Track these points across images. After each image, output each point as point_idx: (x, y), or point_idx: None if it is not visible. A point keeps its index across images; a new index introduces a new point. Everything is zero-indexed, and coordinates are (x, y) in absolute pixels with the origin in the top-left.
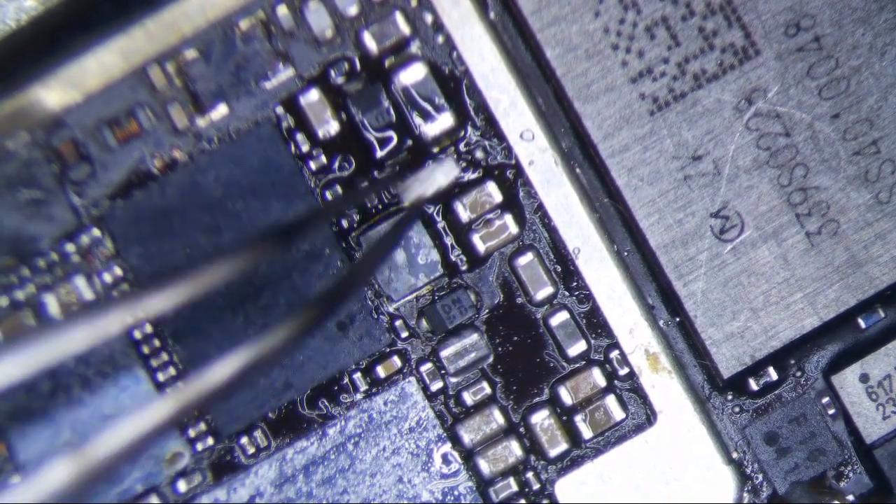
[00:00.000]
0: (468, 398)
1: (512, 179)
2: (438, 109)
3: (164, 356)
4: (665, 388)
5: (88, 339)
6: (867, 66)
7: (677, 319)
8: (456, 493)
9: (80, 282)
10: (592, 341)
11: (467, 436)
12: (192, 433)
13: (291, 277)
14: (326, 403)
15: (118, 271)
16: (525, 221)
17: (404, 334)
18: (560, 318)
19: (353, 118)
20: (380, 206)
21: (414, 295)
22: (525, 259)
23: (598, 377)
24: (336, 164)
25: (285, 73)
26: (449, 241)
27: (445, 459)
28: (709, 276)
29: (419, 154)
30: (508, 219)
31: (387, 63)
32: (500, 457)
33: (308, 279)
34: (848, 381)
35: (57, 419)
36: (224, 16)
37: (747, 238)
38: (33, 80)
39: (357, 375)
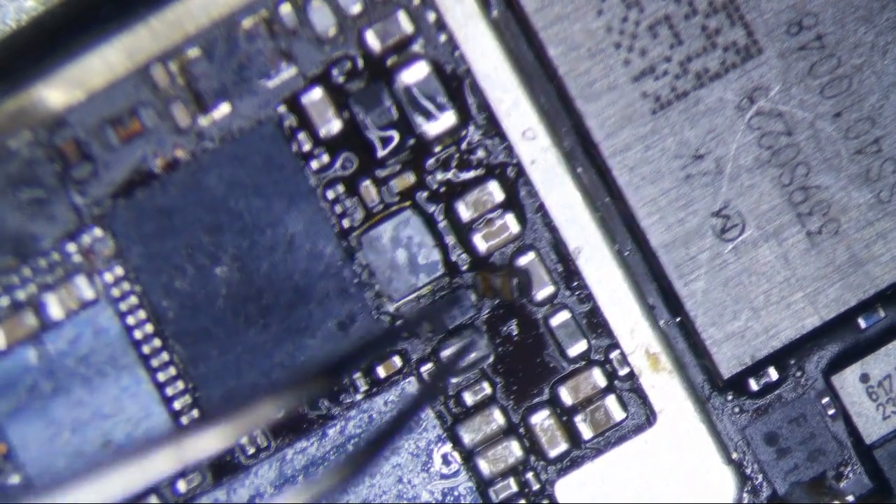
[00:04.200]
0: (468, 398)
1: (513, 179)
2: (441, 108)
3: (165, 356)
4: (665, 389)
5: (133, 483)
6: (869, 64)
7: (678, 319)
8: (456, 493)
9: (81, 281)
10: (593, 341)
11: (467, 436)
12: None
13: (293, 278)
14: (327, 404)
15: (120, 271)
16: (526, 221)
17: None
18: (561, 317)
19: (355, 117)
20: (381, 207)
21: (415, 295)
22: (526, 258)
23: (598, 377)
24: (338, 164)
25: (288, 72)
26: (450, 240)
27: (445, 460)
28: (709, 275)
29: (421, 153)
30: (510, 218)
31: (389, 62)
32: (500, 457)
33: (309, 280)
34: (848, 381)
35: (57, 420)
36: (227, 14)
37: (748, 237)
38: (35, 79)
39: (357, 376)
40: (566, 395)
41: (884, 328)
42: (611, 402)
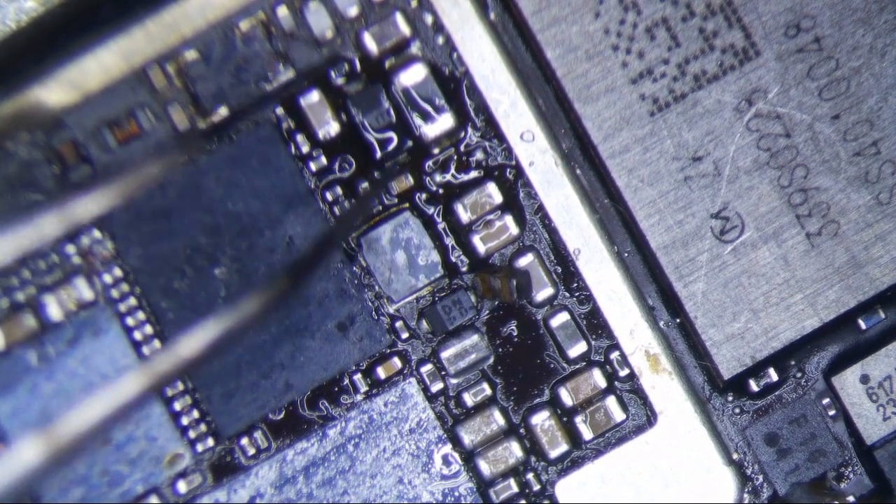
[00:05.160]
0: (468, 399)
1: (512, 180)
2: (439, 110)
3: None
4: (665, 389)
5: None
6: (867, 67)
7: (678, 320)
8: (456, 494)
9: (80, 283)
10: (593, 342)
11: (468, 437)
12: (192, 434)
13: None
14: (327, 404)
15: (118, 272)
16: (525, 222)
17: (405, 335)
18: (560, 319)
19: (353, 119)
20: (380, 208)
21: (414, 296)
22: (525, 260)
23: (598, 378)
24: (336, 165)
25: (285, 74)
26: (449, 242)
27: (446, 460)
28: (709, 277)
29: (419, 155)
30: (509, 220)
31: (387, 64)
32: (501, 458)
33: (308, 282)
34: (848, 382)
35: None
36: (224, 17)
37: (748, 239)
38: (33, 80)
39: (357, 376)
40: (566, 396)
41: (884, 329)
42: (611, 402)
